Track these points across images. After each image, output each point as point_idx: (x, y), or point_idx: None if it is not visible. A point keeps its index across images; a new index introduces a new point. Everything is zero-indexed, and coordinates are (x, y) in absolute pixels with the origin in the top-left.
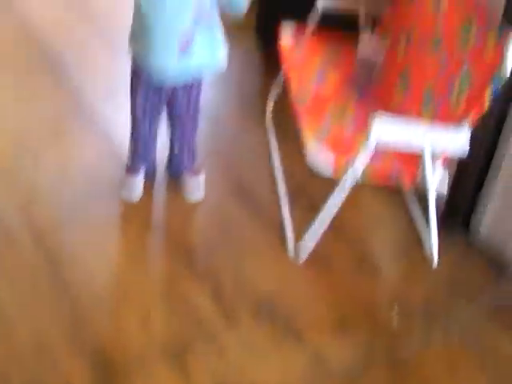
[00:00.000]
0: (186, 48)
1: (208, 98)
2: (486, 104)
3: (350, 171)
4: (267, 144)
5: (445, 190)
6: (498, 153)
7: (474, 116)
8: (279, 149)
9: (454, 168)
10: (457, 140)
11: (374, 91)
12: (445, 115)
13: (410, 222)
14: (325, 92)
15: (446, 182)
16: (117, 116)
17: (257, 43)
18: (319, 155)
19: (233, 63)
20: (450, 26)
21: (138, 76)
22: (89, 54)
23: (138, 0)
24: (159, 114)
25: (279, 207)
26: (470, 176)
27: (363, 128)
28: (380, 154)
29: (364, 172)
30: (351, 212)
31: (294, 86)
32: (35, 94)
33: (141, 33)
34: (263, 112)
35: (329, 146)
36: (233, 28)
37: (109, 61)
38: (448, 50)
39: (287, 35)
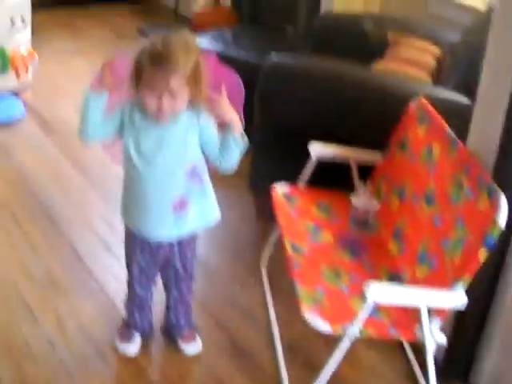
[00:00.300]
0: (180, 210)
1: (202, 246)
2: (481, 262)
3: (347, 333)
4: (263, 297)
5: (444, 341)
6: (496, 301)
7: (469, 273)
8: (275, 302)
9: (453, 319)
10: (453, 298)
11: (368, 249)
12: (440, 273)
13: (408, 372)
14: (319, 251)
15: (445, 334)
16: (113, 268)
17: (250, 188)
18: (315, 319)
19: (226, 208)
20: (442, 181)
21: (133, 237)
22: (84, 204)
23: (129, 160)
24: (155, 272)
25: (276, 363)
26: (468, 327)
27: (358, 291)
28: (377, 309)
29: (361, 329)
30: (347, 363)
31: (288, 245)
32: (31, 244)
33: (133, 199)
34: (259, 262)
35: (324, 311)
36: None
37: (104, 212)
38: (441, 205)
39: (281, 191)
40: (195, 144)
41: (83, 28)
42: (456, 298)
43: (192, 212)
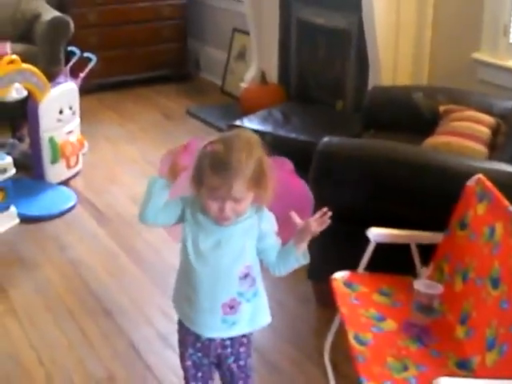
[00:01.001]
0: (230, 312)
1: (260, 334)
2: None
3: None
4: None
5: None
6: None
7: None
8: None
9: None
10: None
11: (435, 335)
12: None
13: None
14: (383, 340)
15: None
16: (172, 362)
17: (309, 278)
18: None
19: (284, 293)
20: (507, 262)
21: (185, 329)
22: (141, 296)
23: (186, 254)
24: (210, 369)
25: None
26: None
27: (427, 382)
28: None
29: None
30: None
31: (351, 336)
32: (88, 340)
33: (184, 292)
34: (320, 349)
35: None
36: None
37: (161, 303)
38: (508, 287)
39: (341, 278)
40: (253, 247)
41: (131, 111)
42: None
43: (243, 315)
